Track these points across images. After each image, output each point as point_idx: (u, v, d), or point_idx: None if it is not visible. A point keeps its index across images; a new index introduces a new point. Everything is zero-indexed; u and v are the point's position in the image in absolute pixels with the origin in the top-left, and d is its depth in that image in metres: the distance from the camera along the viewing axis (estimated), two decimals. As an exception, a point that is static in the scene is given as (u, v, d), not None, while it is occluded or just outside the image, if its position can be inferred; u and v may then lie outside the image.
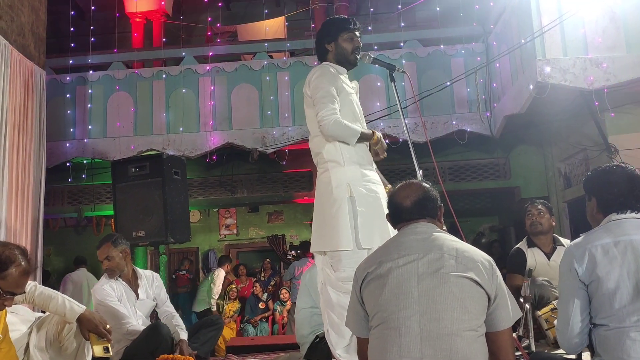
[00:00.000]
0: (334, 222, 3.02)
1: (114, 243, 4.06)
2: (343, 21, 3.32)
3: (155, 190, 5.57)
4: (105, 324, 3.12)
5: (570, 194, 7.74)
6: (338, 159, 3.11)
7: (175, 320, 4.16)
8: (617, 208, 2.31)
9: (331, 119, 3.02)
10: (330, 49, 3.29)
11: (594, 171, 2.47)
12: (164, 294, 4.30)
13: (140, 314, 4.10)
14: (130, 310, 3.99)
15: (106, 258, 4.02)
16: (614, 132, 6.33)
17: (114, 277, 4.02)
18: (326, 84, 3.12)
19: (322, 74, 3.16)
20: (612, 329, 2.16)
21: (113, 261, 4.02)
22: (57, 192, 8.93)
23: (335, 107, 3.07)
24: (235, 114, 7.98)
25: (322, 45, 3.31)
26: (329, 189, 3.07)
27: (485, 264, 2.05)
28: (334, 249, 3.01)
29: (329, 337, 3.05)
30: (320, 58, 3.37)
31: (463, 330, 1.94)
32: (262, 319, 9.04)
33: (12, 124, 5.83)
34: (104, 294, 3.92)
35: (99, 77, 8.12)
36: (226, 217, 11.64)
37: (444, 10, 8.00)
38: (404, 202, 2.22)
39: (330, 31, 3.30)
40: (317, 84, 3.13)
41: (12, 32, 5.96)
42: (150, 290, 4.19)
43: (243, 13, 11.00)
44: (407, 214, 2.21)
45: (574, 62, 5.91)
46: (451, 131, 7.66)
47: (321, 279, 3.17)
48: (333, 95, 3.09)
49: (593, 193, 2.41)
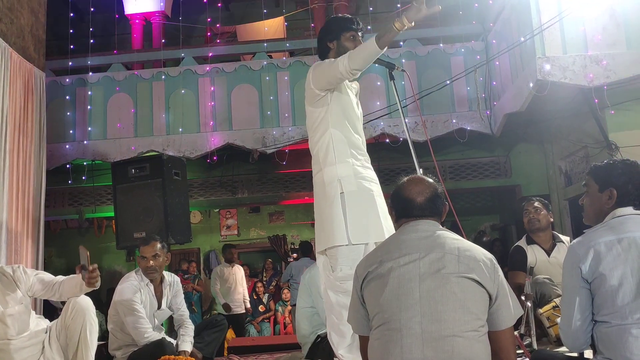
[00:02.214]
0: (329, 219, 3.03)
1: (162, 244, 4.05)
2: (346, 20, 3.31)
3: (155, 191, 5.57)
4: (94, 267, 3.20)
5: (571, 191, 7.73)
6: (330, 157, 3.12)
7: (183, 329, 4.14)
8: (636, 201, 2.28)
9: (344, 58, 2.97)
10: (332, 47, 3.29)
11: (610, 163, 2.38)
12: (181, 298, 4.27)
13: (157, 322, 4.11)
14: (149, 319, 3.98)
15: (154, 255, 3.97)
16: (615, 129, 6.32)
17: (151, 278, 3.99)
18: (328, 64, 3.10)
19: (322, 63, 3.18)
20: (614, 326, 2.15)
21: (158, 260, 3.99)
22: (57, 194, 8.93)
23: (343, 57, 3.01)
24: (235, 114, 7.97)
25: (324, 43, 3.30)
26: (322, 188, 3.09)
27: (487, 263, 2.04)
28: (330, 245, 3.02)
29: (331, 339, 3.05)
30: (321, 56, 3.35)
31: (465, 331, 1.93)
32: (263, 320, 9.05)
33: (12, 126, 5.83)
34: (131, 296, 3.86)
35: (98, 79, 8.12)
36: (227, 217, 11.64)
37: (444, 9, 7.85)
38: (417, 197, 2.18)
39: (332, 29, 3.30)
40: (317, 69, 3.12)
41: (11, 35, 5.96)
42: (170, 298, 4.19)
43: (242, 13, 11.00)
44: (418, 210, 2.17)
45: (574, 59, 5.91)
46: (451, 130, 7.66)
47: (323, 282, 3.17)
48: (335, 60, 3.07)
49: (613, 185, 2.31)
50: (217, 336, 4.39)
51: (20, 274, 3.24)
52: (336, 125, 3.13)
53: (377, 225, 2.99)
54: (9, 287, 3.18)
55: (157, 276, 4.02)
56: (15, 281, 3.20)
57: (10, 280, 3.19)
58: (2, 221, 5.48)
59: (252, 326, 8.91)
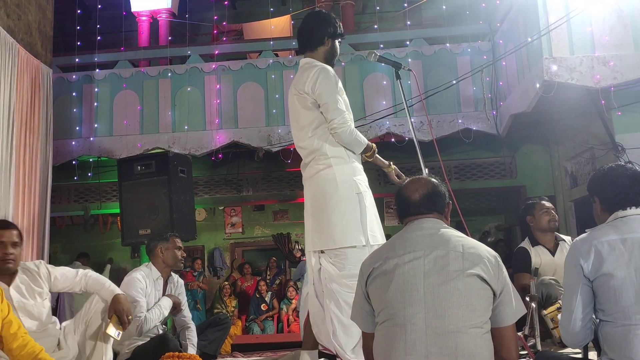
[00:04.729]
0: (343, 219, 3.01)
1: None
2: (341, 28, 3.35)
3: (161, 189, 5.60)
4: (129, 314, 3.26)
5: (576, 193, 7.70)
6: (342, 155, 3.12)
7: (188, 332, 4.17)
8: (620, 205, 2.32)
9: (347, 128, 3.09)
10: (326, 44, 3.28)
11: (595, 173, 2.49)
12: (184, 301, 4.30)
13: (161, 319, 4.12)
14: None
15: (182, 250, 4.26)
16: (621, 130, 6.28)
17: (180, 268, 4.28)
18: (335, 88, 3.14)
19: (328, 76, 3.15)
20: (618, 327, 2.15)
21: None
22: (63, 190, 8.96)
23: (347, 115, 3.13)
24: (240, 112, 7.98)
25: (322, 36, 3.28)
26: (334, 185, 3.06)
27: (492, 260, 2.05)
28: (342, 246, 3.00)
29: (336, 339, 3.01)
30: (309, 43, 3.31)
31: (468, 328, 1.94)
32: (267, 318, 9.07)
33: (19, 122, 5.85)
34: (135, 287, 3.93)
35: (105, 76, 8.14)
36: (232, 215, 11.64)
37: (450, 9, 7.98)
38: (412, 195, 2.21)
39: (332, 28, 3.29)
40: (324, 87, 3.12)
41: (19, 31, 5.98)
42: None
43: (249, 11, 11.01)
44: (415, 207, 2.20)
45: (581, 60, 5.88)
46: (457, 130, 7.64)
47: (312, 280, 3.14)
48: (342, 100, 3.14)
49: (595, 193, 2.43)
50: (221, 334, 4.42)
51: (44, 270, 3.34)
52: None
53: (381, 227, 3.10)
54: (35, 282, 3.27)
55: (182, 266, 4.32)
56: (40, 276, 3.30)
57: (35, 276, 3.29)
58: (8, 216, 5.51)
59: (255, 324, 8.93)
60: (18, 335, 2.76)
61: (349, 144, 3.12)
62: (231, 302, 9.27)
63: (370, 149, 3.23)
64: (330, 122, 3.09)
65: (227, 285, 9.50)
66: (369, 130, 7.61)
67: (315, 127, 3.16)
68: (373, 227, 3.07)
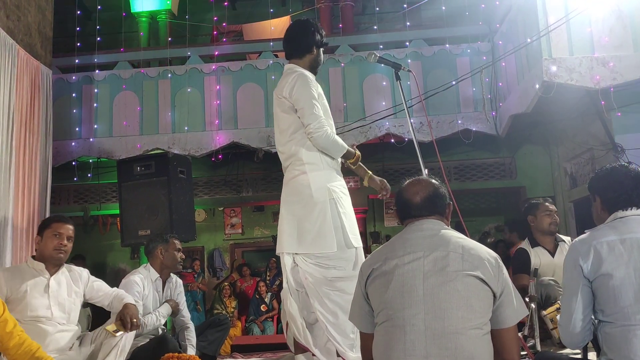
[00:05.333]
0: (317, 225, 3.07)
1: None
2: (324, 36, 3.38)
3: (160, 189, 5.59)
4: (136, 323, 3.34)
5: (576, 193, 7.71)
6: (317, 162, 3.16)
7: (187, 332, 4.17)
8: (621, 205, 2.32)
9: (323, 132, 3.10)
10: (313, 52, 3.31)
11: (597, 171, 2.50)
12: (183, 302, 4.30)
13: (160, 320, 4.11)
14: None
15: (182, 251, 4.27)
16: (621, 131, 6.29)
17: (179, 269, 4.30)
18: (311, 92, 3.16)
19: (305, 83, 3.18)
20: (618, 327, 2.15)
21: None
22: (63, 191, 8.96)
23: (324, 119, 3.15)
24: (240, 113, 7.98)
25: (310, 44, 3.30)
26: (308, 192, 3.11)
27: (492, 261, 2.05)
28: (320, 251, 3.06)
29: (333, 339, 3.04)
30: (298, 50, 3.32)
31: (468, 329, 1.94)
32: (267, 318, 9.06)
33: (19, 123, 5.85)
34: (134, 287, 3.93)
35: (105, 77, 8.15)
36: (231, 216, 11.63)
37: (450, 10, 7.98)
38: (413, 198, 2.21)
39: (319, 37, 3.33)
40: (301, 93, 3.14)
41: (19, 32, 5.98)
42: (170, 298, 4.22)
43: (249, 12, 11.01)
44: (416, 210, 2.20)
45: (581, 61, 5.89)
46: (457, 130, 7.65)
47: (291, 280, 3.15)
48: (318, 105, 3.15)
49: (597, 192, 2.43)
50: (221, 335, 4.41)
51: (86, 276, 3.56)
52: None
53: (357, 229, 3.21)
54: (75, 282, 3.48)
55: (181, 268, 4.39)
56: (80, 279, 3.51)
57: (77, 277, 3.50)
58: (8, 217, 5.51)
59: (255, 325, 8.92)
60: (14, 333, 2.80)
61: (326, 149, 3.15)
62: (231, 302, 9.27)
63: (353, 155, 3.26)
64: (306, 127, 3.12)
65: (227, 286, 9.49)
66: (369, 131, 7.61)
67: (292, 131, 3.20)
68: (353, 230, 3.15)
